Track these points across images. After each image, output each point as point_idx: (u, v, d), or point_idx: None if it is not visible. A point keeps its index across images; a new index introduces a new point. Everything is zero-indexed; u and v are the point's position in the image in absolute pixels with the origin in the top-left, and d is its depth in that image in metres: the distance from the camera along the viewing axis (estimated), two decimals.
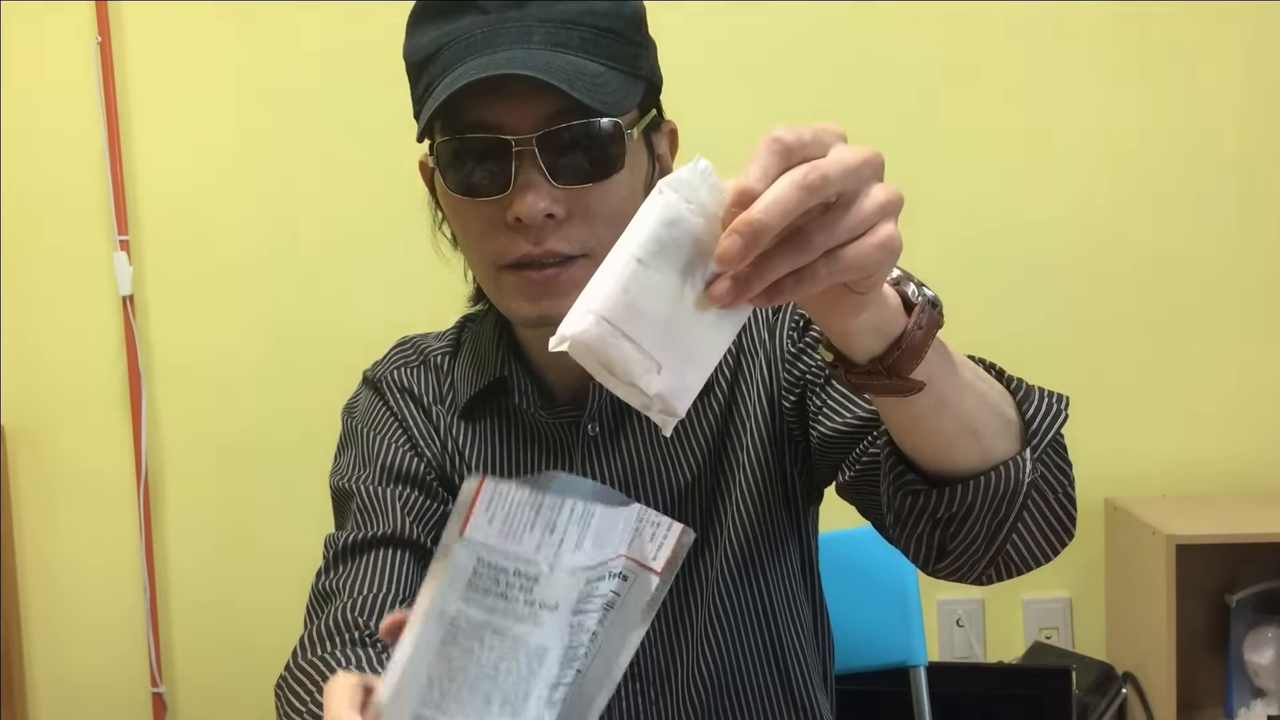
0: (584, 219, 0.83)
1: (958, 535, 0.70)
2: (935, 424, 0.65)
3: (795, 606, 0.99)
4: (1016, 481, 0.68)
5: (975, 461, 0.67)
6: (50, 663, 2.11)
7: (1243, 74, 1.89)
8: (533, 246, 0.82)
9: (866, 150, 0.52)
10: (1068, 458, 0.74)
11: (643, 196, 0.88)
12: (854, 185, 0.51)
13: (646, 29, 0.88)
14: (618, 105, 0.81)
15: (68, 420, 2.07)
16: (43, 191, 2.04)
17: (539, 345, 0.95)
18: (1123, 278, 1.92)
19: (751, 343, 0.96)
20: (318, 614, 0.88)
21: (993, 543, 0.71)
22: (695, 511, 0.95)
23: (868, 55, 1.93)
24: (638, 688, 0.95)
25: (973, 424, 0.66)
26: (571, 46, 0.81)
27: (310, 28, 1.97)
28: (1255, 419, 1.93)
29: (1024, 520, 0.71)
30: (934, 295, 0.62)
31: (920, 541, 0.73)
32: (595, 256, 0.84)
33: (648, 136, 0.88)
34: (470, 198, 0.83)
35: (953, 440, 0.66)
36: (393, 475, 0.95)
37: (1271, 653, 1.79)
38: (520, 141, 0.80)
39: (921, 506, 0.69)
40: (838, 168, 0.51)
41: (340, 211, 1.99)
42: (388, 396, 0.99)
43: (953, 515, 0.69)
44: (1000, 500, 0.68)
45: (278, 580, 2.02)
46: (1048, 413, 0.70)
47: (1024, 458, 0.67)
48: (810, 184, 0.50)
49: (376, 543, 0.90)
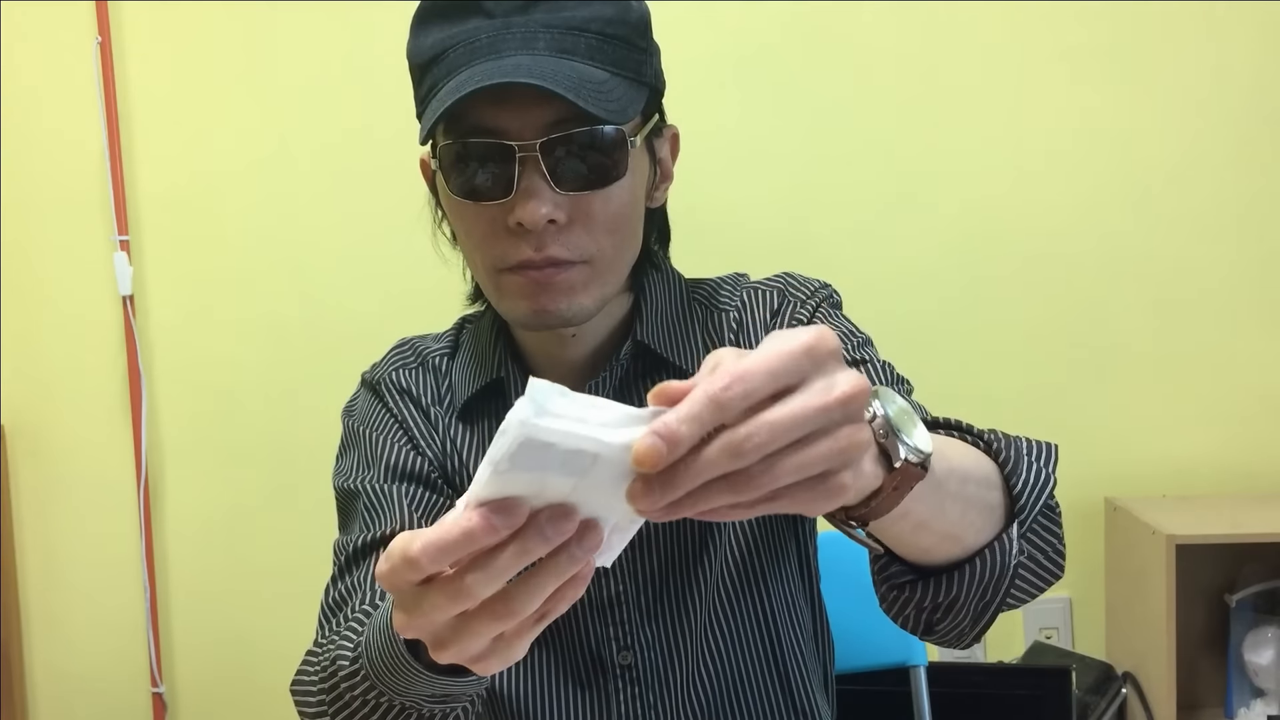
0: (585, 225, 0.83)
1: (944, 620, 0.71)
2: (912, 539, 0.64)
3: (795, 611, 0.99)
4: (1003, 566, 0.67)
5: (957, 556, 0.67)
6: (50, 662, 2.11)
7: (1243, 74, 1.89)
8: (534, 252, 0.82)
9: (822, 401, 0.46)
10: (1057, 516, 0.73)
11: (640, 201, 0.89)
12: (795, 427, 0.46)
13: (651, 34, 0.88)
14: (621, 113, 0.81)
15: (68, 420, 2.07)
16: (43, 191, 2.04)
17: (536, 346, 0.95)
18: (1123, 277, 1.92)
19: (750, 345, 0.96)
20: (331, 619, 0.88)
21: (979, 621, 0.71)
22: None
23: (867, 55, 1.93)
24: (637, 692, 0.95)
25: (953, 531, 0.65)
26: (577, 53, 0.81)
27: (311, 28, 1.97)
28: (1255, 419, 1.93)
29: (1011, 594, 0.71)
30: (926, 448, 0.56)
31: (908, 621, 0.73)
32: (594, 263, 0.84)
33: (650, 142, 0.88)
34: (472, 201, 0.83)
35: (932, 549, 0.66)
36: (397, 473, 0.95)
37: (1271, 653, 1.79)
38: (524, 147, 0.80)
39: (906, 599, 0.69)
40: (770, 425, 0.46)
41: (341, 211, 1.99)
42: (386, 398, 0.99)
43: (938, 604, 0.69)
44: (986, 586, 0.68)
45: (278, 580, 2.02)
46: (1035, 482, 0.69)
47: (1010, 537, 0.67)
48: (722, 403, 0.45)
49: (385, 541, 0.89)
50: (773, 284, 0.98)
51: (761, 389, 0.45)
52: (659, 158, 0.91)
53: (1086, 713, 1.78)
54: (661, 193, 0.92)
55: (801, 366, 0.46)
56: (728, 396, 0.45)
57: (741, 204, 1.95)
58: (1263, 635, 1.81)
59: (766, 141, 1.95)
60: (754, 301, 0.97)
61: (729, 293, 0.99)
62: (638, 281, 0.95)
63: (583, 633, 0.96)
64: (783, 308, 0.96)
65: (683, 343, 0.94)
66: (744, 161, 1.96)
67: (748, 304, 0.97)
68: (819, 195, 1.95)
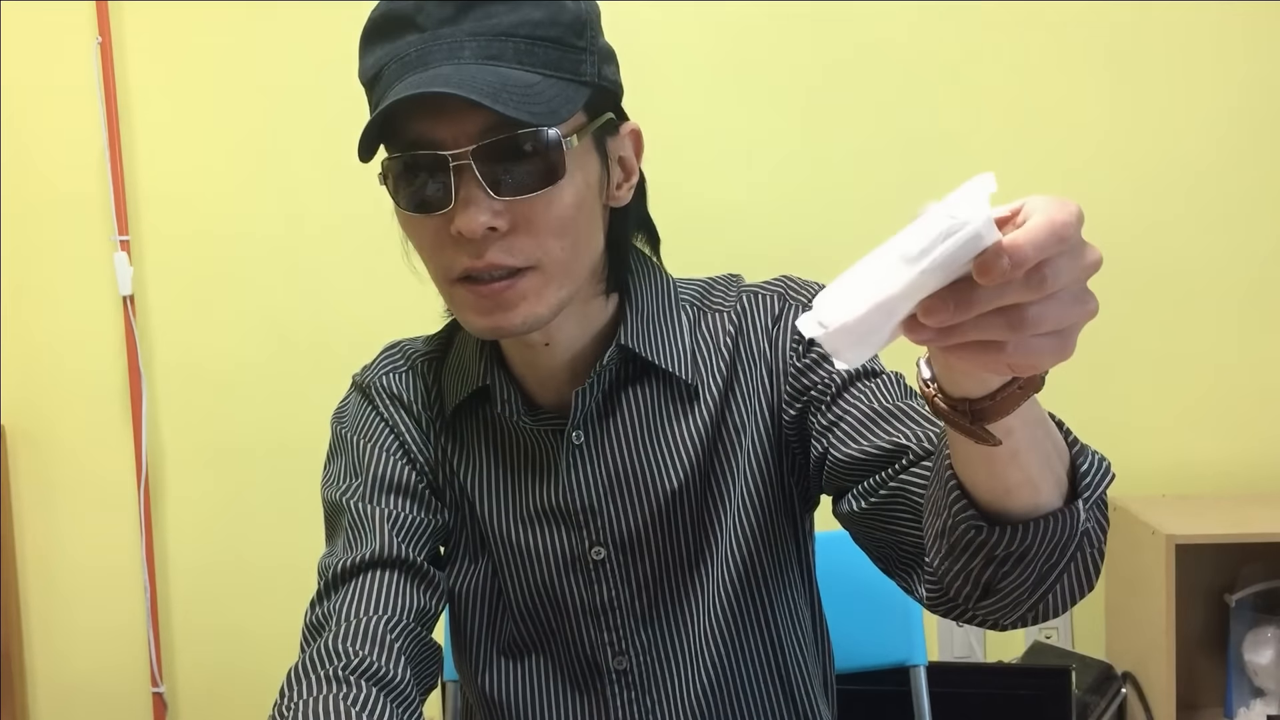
0: (528, 230, 0.82)
1: (1010, 575, 0.70)
2: (1002, 471, 0.65)
3: (796, 614, 0.99)
4: (1074, 528, 0.69)
5: (1027, 510, 0.68)
6: (50, 663, 2.11)
7: (1242, 74, 1.89)
8: (474, 260, 0.82)
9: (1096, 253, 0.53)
10: (1108, 516, 0.75)
11: (592, 202, 0.87)
12: (1073, 282, 0.52)
13: (592, 33, 0.86)
14: (552, 114, 0.81)
15: (68, 420, 2.07)
16: (43, 191, 2.04)
17: (520, 354, 0.94)
18: (1122, 278, 1.92)
19: (749, 349, 0.95)
20: (309, 644, 0.88)
21: (1040, 586, 0.71)
22: (686, 517, 0.94)
23: (865, 55, 1.93)
24: (633, 696, 0.95)
25: (1034, 478, 0.66)
26: (504, 58, 0.81)
27: (310, 27, 1.98)
28: (1255, 419, 1.93)
29: (1070, 569, 0.71)
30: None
31: (968, 579, 0.72)
32: (544, 268, 0.83)
33: (600, 141, 0.87)
34: (418, 214, 0.84)
35: (1013, 490, 0.67)
36: (383, 486, 0.95)
37: (1271, 653, 1.80)
38: (457, 157, 0.80)
39: (981, 541, 0.69)
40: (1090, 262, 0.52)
41: (340, 211, 2.00)
42: (377, 402, 0.99)
43: (1009, 554, 0.69)
44: (1057, 544, 0.68)
45: (278, 580, 2.02)
46: (1099, 470, 0.71)
47: (1077, 508, 0.69)
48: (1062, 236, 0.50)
49: (367, 565, 0.90)
50: (773, 288, 0.98)
51: (1079, 241, 0.51)
52: (617, 156, 0.90)
53: (1086, 713, 1.78)
54: (625, 192, 0.91)
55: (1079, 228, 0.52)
56: (1067, 233, 0.49)
57: (741, 205, 1.95)
58: (1262, 635, 1.81)
59: (766, 142, 1.95)
60: (754, 306, 0.96)
61: (723, 293, 0.98)
62: (621, 284, 0.95)
63: (578, 638, 0.96)
64: (784, 312, 0.95)
65: (670, 345, 0.94)
66: (744, 162, 1.96)
67: (748, 308, 0.96)
68: (819, 196, 1.95)
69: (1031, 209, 0.51)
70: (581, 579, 0.95)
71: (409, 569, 0.91)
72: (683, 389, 0.94)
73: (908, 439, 0.82)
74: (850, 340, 0.52)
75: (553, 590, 0.95)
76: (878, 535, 0.85)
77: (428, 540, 0.94)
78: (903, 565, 0.85)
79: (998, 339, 0.51)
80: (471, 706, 1.03)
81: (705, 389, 0.94)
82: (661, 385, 0.94)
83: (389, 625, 0.87)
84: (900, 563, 0.85)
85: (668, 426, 0.94)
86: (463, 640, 1.00)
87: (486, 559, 0.98)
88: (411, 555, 0.91)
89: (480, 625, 0.99)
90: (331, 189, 1.99)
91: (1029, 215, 0.51)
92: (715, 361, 0.95)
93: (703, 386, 0.94)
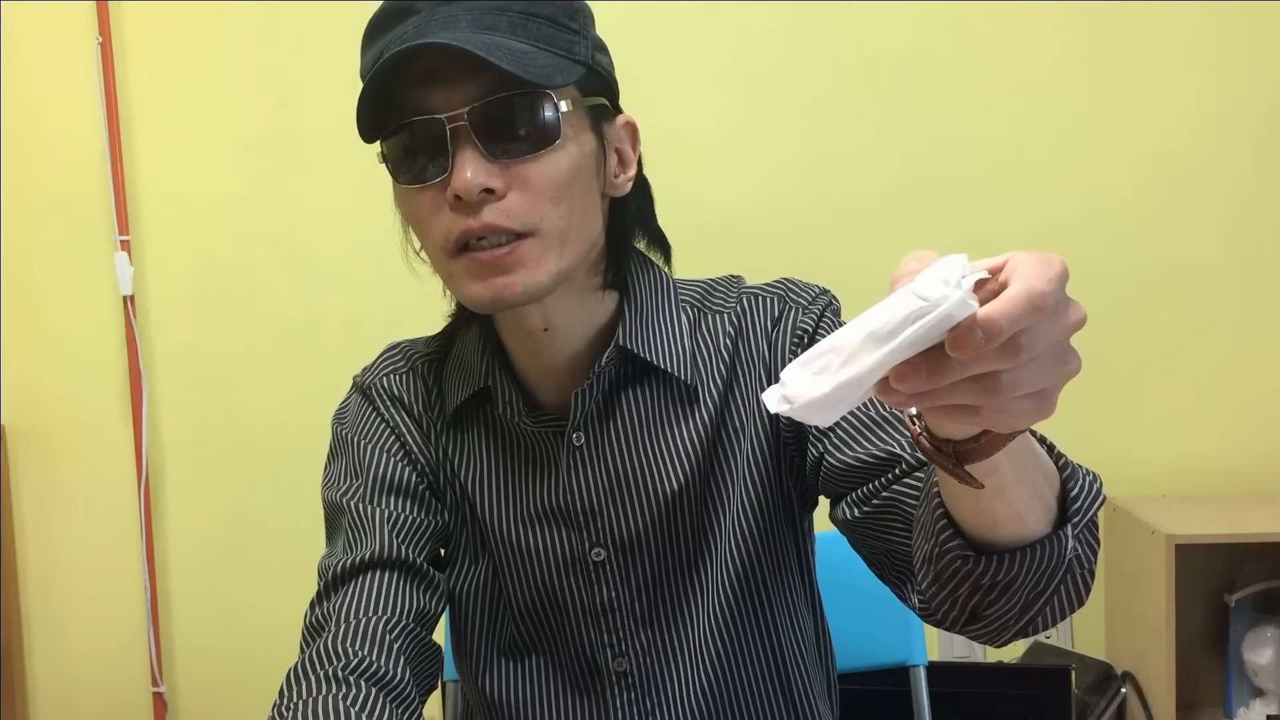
0: (525, 193, 0.82)
1: (996, 603, 0.71)
2: (988, 505, 0.65)
3: (795, 615, 0.98)
4: (1060, 556, 0.69)
5: (1014, 540, 0.68)
6: (51, 662, 2.11)
7: (1243, 74, 1.89)
8: (472, 222, 0.82)
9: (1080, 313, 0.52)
10: (1098, 536, 0.75)
11: (590, 177, 0.87)
12: (1053, 345, 0.51)
13: (585, 20, 0.87)
14: (547, 78, 0.81)
15: (68, 420, 2.07)
16: (43, 191, 2.04)
17: (523, 353, 0.94)
18: (1123, 278, 1.92)
19: (749, 351, 0.95)
20: (309, 644, 0.88)
21: (1026, 612, 0.72)
22: (686, 520, 0.94)
23: (868, 55, 1.93)
24: (633, 698, 0.95)
25: (1021, 512, 0.67)
26: (499, 29, 0.82)
27: (310, 27, 1.98)
28: (1255, 419, 1.93)
29: (1060, 591, 0.72)
30: None
31: (955, 603, 0.73)
32: (541, 234, 0.83)
33: (596, 122, 0.88)
34: (416, 185, 0.84)
35: (1000, 523, 0.67)
36: (384, 487, 0.95)
37: (1270, 652, 1.80)
38: (452, 119, 0.81)
39: (967, 571, 0.69)
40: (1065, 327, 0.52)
41: (340, 211, 2.00)
42: (378, 403, 0.99)
43: (995, 583, 0.69)
44: (1044, 572, 0.69)
45: (278, 580, 2.02)
46: (1089, 494, 0.71)
47: (1065, 534, 0.68)
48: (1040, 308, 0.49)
49: (366, 566, 0.90)
50: (773, 290, 0.97)
51: (1060, 304, 0.50)
52: (615, 145, 0.90)
53: (1086, 712, 1.78)
54: (624, 182, 0.91)
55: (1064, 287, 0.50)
56: (1045, 303, 0.48)
57: (741, 207, 1.95)
58: (1262, 635, 1.81)
59: (766, 144, 1.95)
60: (754, 308, 0.96)
61: (723, 295, 0.98)
62: (620, 281, 0.95)
63: (578, 639, 0.96)
64: (784, 315, 0.95)
65: (669, 346, 0.94)
66: (743, 163, 1.96)
67: (747, 310, 0.96)
68: (819, 198, 1.95)
69: (1011, 271, 0.50)
70: (581, 580, 0.95)
71: (409, 570, 0.91)
72: (683, 390, 0.94)
73: (902, 448, 0.82)
74: (818, 410, 0.51)
75: (553, 591, 0.96)
76: (872, 544, 0.85)
77: (428, 541, 0.94)
78: (896, 574, 0.85)
79: (973, 404, 0.51)
80: (472, 707, 1.03)
81: (705, 391, 0.94)
82: (661, 386, 0.94)
83: (389, 626, 0.87)
84: (894, 571, 0.85)
85: (668, 428, 0.94)
86: (463, 641, 1.00)
87: (487, 560, 0.98)
88: (411, 556, 0.91)
89: (480, 626, 0.99)
90: (332, 189, 1.99)
91: (1009, 277, 0.50)
92: (715, 363, 0.95)
93: (703, 388, 0.94)
